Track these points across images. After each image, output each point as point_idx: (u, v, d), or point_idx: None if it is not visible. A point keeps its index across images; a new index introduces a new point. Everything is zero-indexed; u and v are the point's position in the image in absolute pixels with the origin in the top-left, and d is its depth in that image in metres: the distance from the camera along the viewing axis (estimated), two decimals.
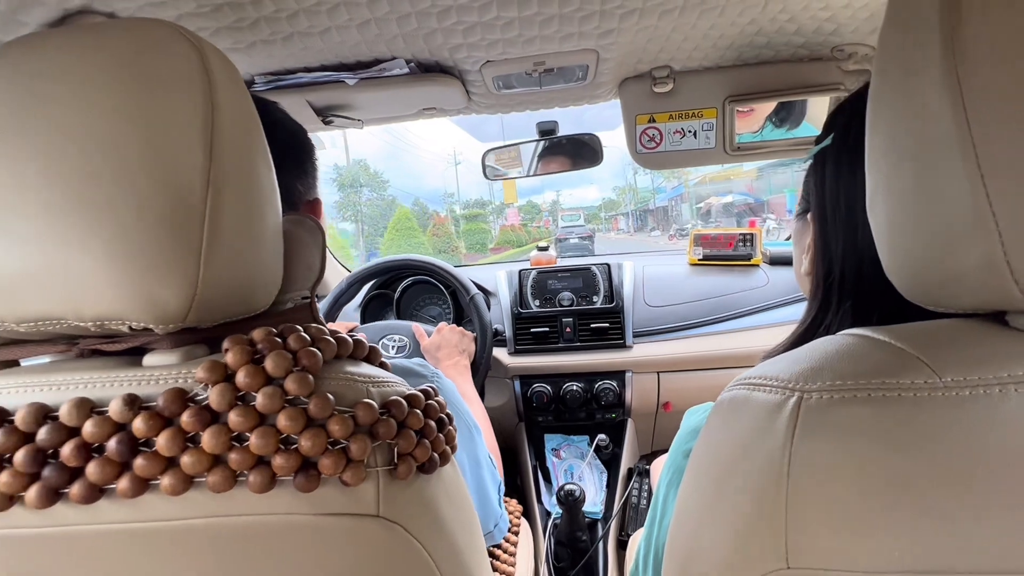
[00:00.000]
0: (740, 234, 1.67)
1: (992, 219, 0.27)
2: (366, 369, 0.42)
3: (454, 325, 1.33)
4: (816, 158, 0.49)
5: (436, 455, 0.42)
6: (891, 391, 0.28)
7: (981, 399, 0.27)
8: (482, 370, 1.37)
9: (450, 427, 0.45)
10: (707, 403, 0.57)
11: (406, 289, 1.61)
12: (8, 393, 0.36)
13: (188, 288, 0.36)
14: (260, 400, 0.34)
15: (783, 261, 1.63)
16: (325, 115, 0.96)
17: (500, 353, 1.48)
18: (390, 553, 0.38)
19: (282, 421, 0.34)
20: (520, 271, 1.58)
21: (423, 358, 1.20)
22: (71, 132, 0.35)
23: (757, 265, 1.64)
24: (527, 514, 1.37)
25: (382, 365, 0.46)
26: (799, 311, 1.45)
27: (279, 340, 0.37)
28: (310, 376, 0.36)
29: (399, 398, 0.40)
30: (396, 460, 0.39)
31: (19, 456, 0.33)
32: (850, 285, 0.45)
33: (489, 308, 1.43)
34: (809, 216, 0.50)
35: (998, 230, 0.27)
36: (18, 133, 0.35)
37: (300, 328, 0.39)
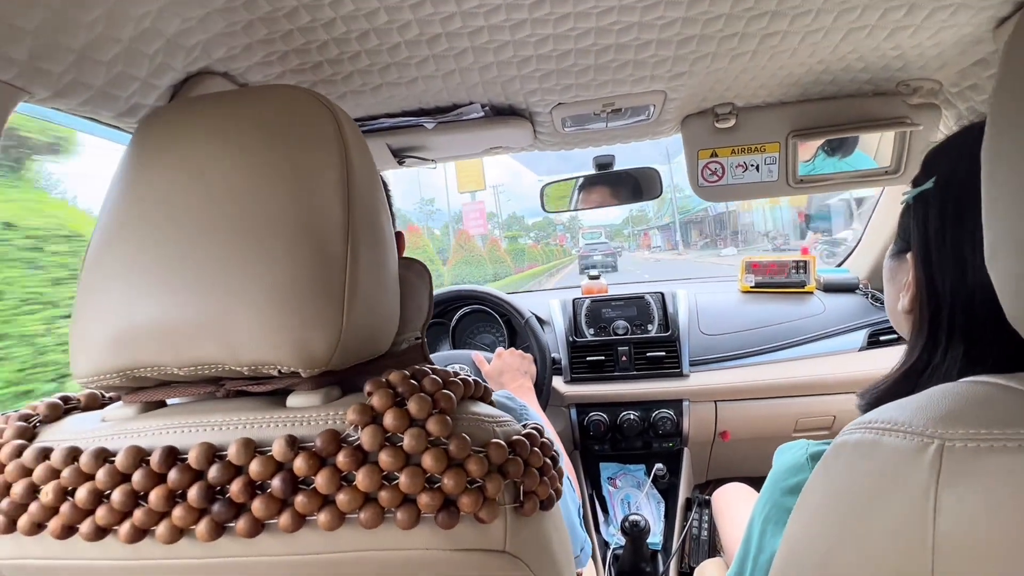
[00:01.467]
0: (793, 261, 1.66)
1: None
2: (486, 409, 0.44)
3: (513, 349, 1.35)
4: (916, 200, 0.50)
5: (553, 492, 0.44)
6: None
7: None
8: (545, 393, 1.38)
9: (560, 464, 0.47)
10: (799, 440, 0.58)
11: (461, 319, 1.65)
12: (175, 433, 0.39)
13: (333, 334, 0.39)
14: (407, 441, 0.37)
15: (838, 288, 1.61)
16: (400, 156, 1.01)
17: (556, 381, 1.49)
18: None
19: (427, 461, 0.37)
20: (574, 300, 1.60)
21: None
22: (227, 192, 0.39)
23: (811, 292, 1.62)
24: None
25: (491, 403, 0.48)
26: (858, 339, 1.45)
27: (415, 383, 0.40)
28: (448, 418, 0.38)
29: (521, 438, 0.42)
30: (522, 497, 0.41)
31: (193, 493, 0.36)
32: (961, 325, 0.46)
33: (546, 338, 1.45)
34: (909, 256, 0.51)
35: None
36: (179, 194, 0.39)
37: (430, 371, 0.42)
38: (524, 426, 0.46)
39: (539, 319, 1.52)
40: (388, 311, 0.46)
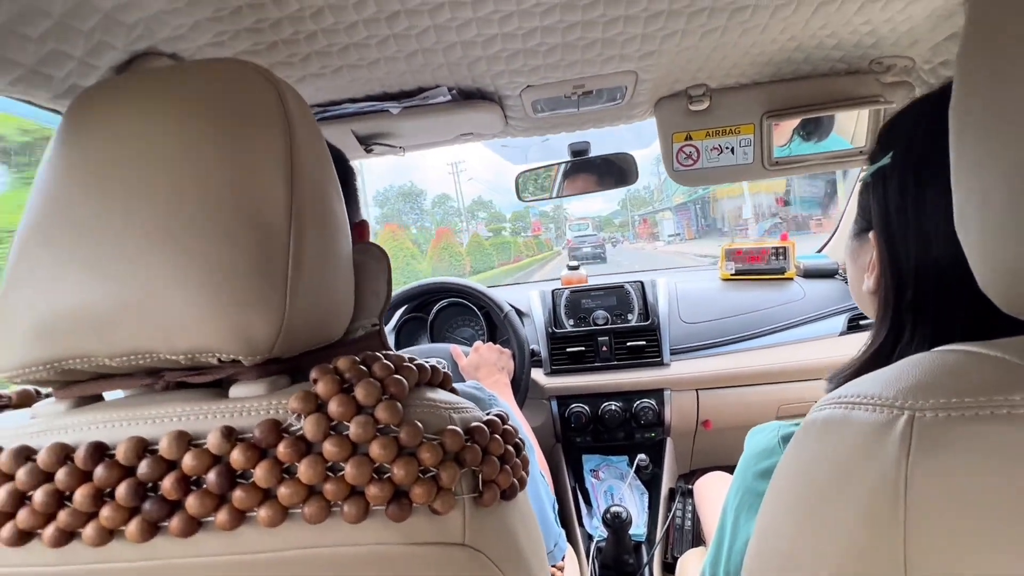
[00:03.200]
0: (773, 247, 1.65)
1: None
2: (443, 395, 0.42)
3: (491, 343, 1.33)
4: (875, 176, 0.49)
5: (516, 480, 0.42)
6: (1017, 408, 0.27)
7: None
8: (523, 387, 1.36)
9: (525, 452, 0.45)
10: (771, 423, 0.57)
11: (439, 312, 1.62)
12: (105, 427, 0.36)
13: (276, 319, 0.36)
14: (353, 430, 0.34)
15: (818, 274, 1.61)
16: (368, 143, 0.98)
17: (536, 374, 1.48)
18: None
19: (375, 450, 0.34)
20: (553, 291, 1.58)
21: (463, 379, 1.20)
22: (161, 169, 0.36)
23: (791, 279, 1.62)
24: (568, 538, 1.35)
25: (452, 390, 0.46)
26: (838, 324, 1.45)
27: (364, 369, 0.38)
28: (399, 404, 0.36)
29: (480, 424, 0.40)
30: (481, 487, 0.39)
31: (121, 490, 0.33)
32: (929, 301, 0.44)
33: (525, 332, 1.43)
34: (871, 235, 0.49)
35: None
36: (110, 173, 0.36)
37: (382, 356, 0.39)
38: (487, 413, 0.44)
39: (519, 311, 1.50)
40: (340, 296, 0.44)
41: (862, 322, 1.44)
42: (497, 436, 0.41)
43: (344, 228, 0.46)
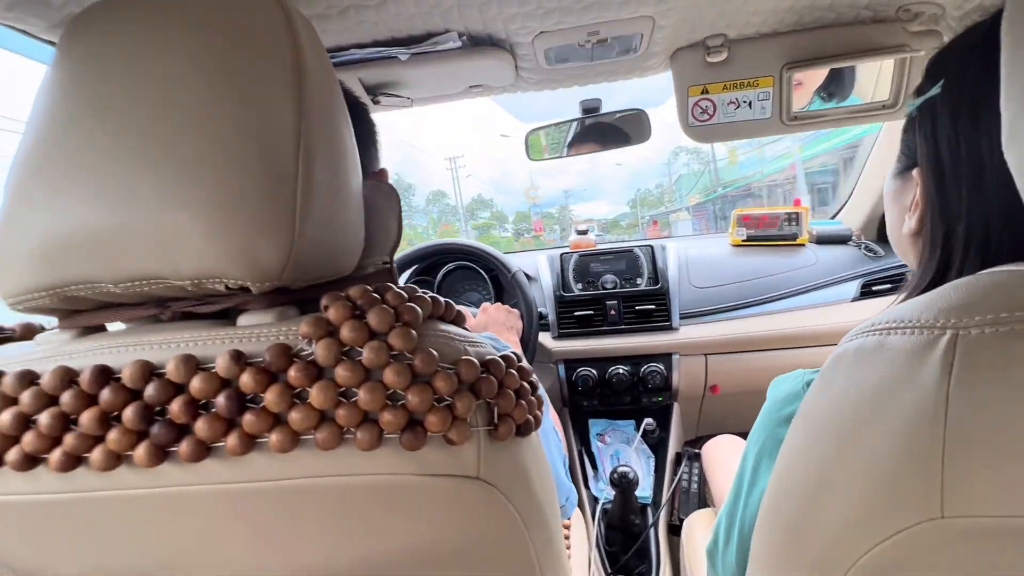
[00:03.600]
0: (785, 213, 1.62)
1: None
2: (458, 329, 0.41)
3: (499, 303, 1.32)
4: (923, 110, 0.46)
5: (531, 417, 0.41)
6: None
7: None
8: (531, 348, 1.35)
9: (540, 392, 0.44)
10: (796, 371, 0.55)
11: (447, 275, 1.61)
12: (111, 352, 0.35)
13: (284, 244, 0.35)
14: (366, 355, 0.33)
15: (831, 240, 1.59)
16: (375, 94, 0.95)
17: (544, 337, 1.47)
18: (487, 516, 0.37)
19: (389, 376, 0.33)
20: (562, 255, 1.57)
21: None
22: (163, 91, 0.34)
23: (803, 245, 1.59)
24: None
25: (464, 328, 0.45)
26: (850, 290, 1.43)
27: (377, 297, 0.36)
28: (412, 331, 0.35)
29: (496, 358, 0.39)
30: (496, 420, 0.37)
31: (128, 413, 0.32)
32: (978, 241, 0.42)
33: (532, 293, 1.42)
34: (915, 173, 0.47)
35: None
36: (109, 95, 0.35)
37: (394, 286, 0.38)
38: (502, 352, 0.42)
39: (527, 275, 1.49)
40: (350, 228, 0.42)
41: (875, 288, 1.42)
42: (513, 371, 0.40)
43: (354, 161, 0.44)
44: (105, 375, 0.33)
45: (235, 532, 0.36)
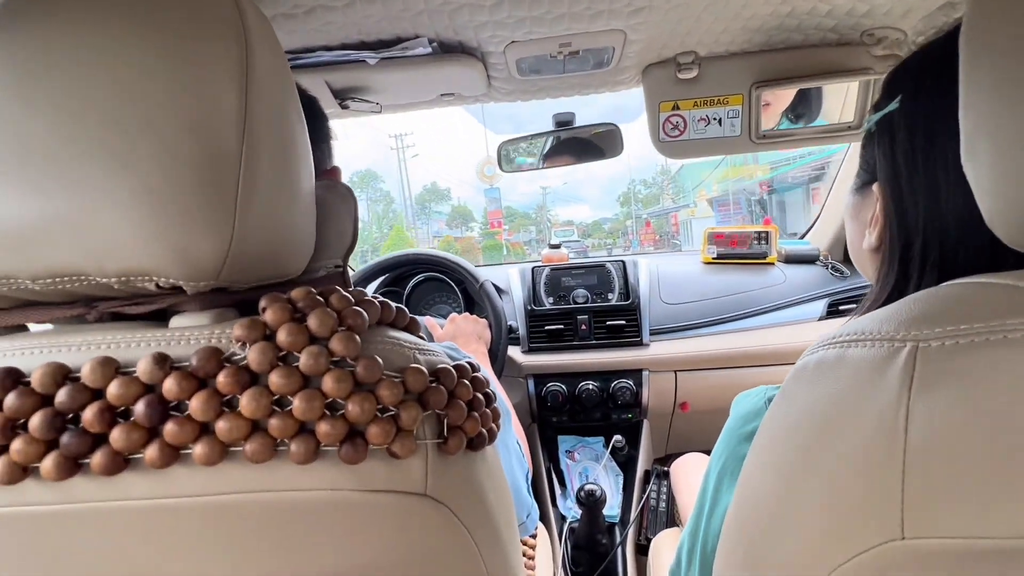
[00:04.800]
0: (755, 232, 1.64)
1: None
2: (408, 336, 0.39)
3: (467, 314, 1.29)
4: (881, 126, 0.46)
5: (485, 431, 0.39)
6: None
7: None
8: (500, 359, 1.33)
9: (496, 405, 0.42)
10: (759, 387, 0.54)
11: (415, 287, 1.58)
12: (22, 354, 0.32)
13: (222, 242, 0.32)
14: (304, 360, 0.31)
15: (799, 259, 1.61)
16: (343, 98, 0.93)
17: (514, 352, 1.45)
18: (436, 535, 0.35)
19: (328, 384, 0.31)
20: (533, 268, 1.55)
21: None
22: (102, 76, 0.32)
23: (772, 263, 1.61)
24: (542, 518, 1.33)
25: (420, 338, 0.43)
26: (817, 308, 1.45)
27: (320, 300, 0.34)
28: (356, 337, 0.33)
29: (447, 367, 0.37)
30: (446, 433, 0.35)
31: (35, 421, 0.29)
32: (935, 254, 0.42)
33: (502, 303, 1.40)
34: (875, 187, 0.47)
35: None
36: (35, 79, 0.32)
37: (341, 289, 0.36)
38: (453, 360, 0.40)
39: (498, 288, 1.47)
40: (298, 228, 0.40)
41: (842, 307, 1.44)
42: (466, 382, 0.38)
43: (306, 158, 0.42)
44: (11, 378, 0.30)
45: (154, 553, 0.33)
